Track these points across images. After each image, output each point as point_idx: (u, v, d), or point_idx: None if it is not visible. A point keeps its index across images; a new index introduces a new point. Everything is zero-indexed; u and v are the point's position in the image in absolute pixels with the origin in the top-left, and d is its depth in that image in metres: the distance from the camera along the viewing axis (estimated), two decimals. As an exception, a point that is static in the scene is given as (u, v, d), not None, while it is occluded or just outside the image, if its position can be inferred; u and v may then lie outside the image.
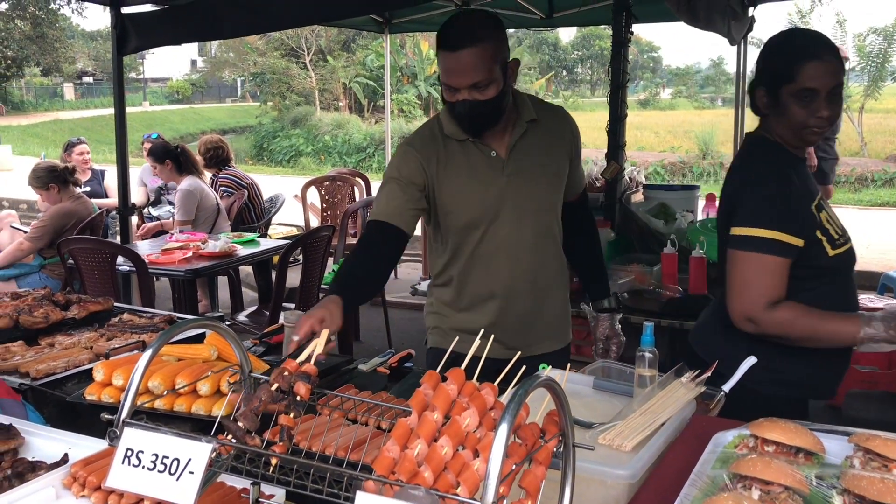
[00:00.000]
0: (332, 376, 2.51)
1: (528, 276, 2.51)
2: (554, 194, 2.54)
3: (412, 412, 1.39)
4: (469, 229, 2.50)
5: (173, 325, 1.49)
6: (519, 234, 2.47)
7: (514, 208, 2.46)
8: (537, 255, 2.52)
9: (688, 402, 1.80)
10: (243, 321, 5.19)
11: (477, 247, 2.51)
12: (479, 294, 2.55)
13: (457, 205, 2.48)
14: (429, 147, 2.47)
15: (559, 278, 2.63)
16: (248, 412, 1.47)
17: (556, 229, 2.59)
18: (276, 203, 7.48)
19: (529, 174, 2.46)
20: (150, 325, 2.86)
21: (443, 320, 2.66)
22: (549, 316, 2.60)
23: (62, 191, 5.69)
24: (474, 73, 2.26)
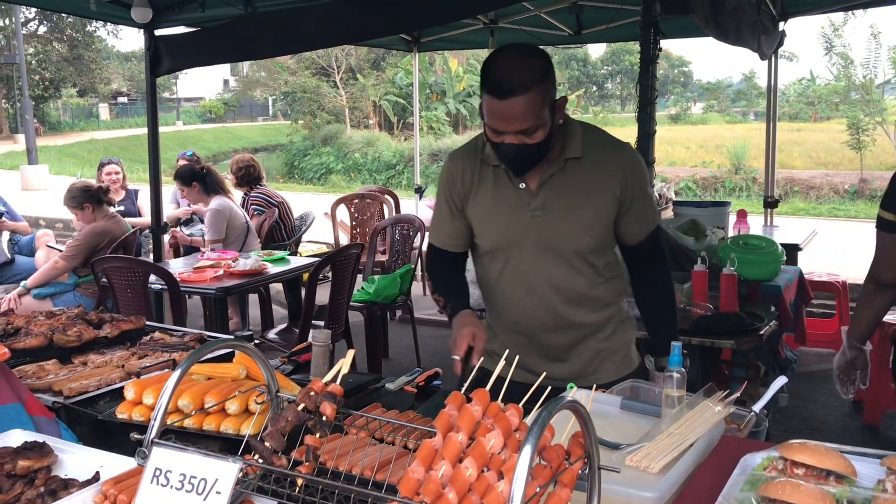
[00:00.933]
0: (359, 395, 2.52)
1: (553, 313, 2.42)
2: (584, 238, 2.36)
3: (437, 433, 1.39)
4: (492, 256, 2.46)
5: (202, 346, 1.51)
6: (540, 272, 2.39)
7: (536, 245, 2.37)
8: (563, 294, 2.40)
9: (716, 423, 1.78)
10: (273, 339, 5.23)
11: (499, 276, 2.47)
12: (503, 322, 2.53)
13: (481, 229, 2.46)
14: (467, 162, 2.45)
15: (601, 317, 2.48)
16: (275, 432, 1.49)
17: (595, 270, 2.41)
18: (306, 221, 7.54)
19: (558, 213, 2.34)
20: (180, 344, 2.89)
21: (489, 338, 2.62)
22: (588, 352, 2.48)
23: (96, 210, 5.78)
24: (523, 120, 2.15)
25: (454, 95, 25.60)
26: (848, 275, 6.90)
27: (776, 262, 4.50)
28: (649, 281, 2.51)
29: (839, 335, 6.11)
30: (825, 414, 5.29)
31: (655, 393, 2.22)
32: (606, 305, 2.48)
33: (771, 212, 7.13)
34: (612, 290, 2.49)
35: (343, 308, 5.24)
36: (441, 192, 2.52)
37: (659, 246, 2.51)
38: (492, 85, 2.14)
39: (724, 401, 1.89)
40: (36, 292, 5.72)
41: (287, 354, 2.80)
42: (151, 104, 6.04)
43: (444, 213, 2.51)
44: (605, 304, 2.48)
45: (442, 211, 2.52)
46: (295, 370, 2.72)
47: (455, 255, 2.55)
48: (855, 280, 7.98)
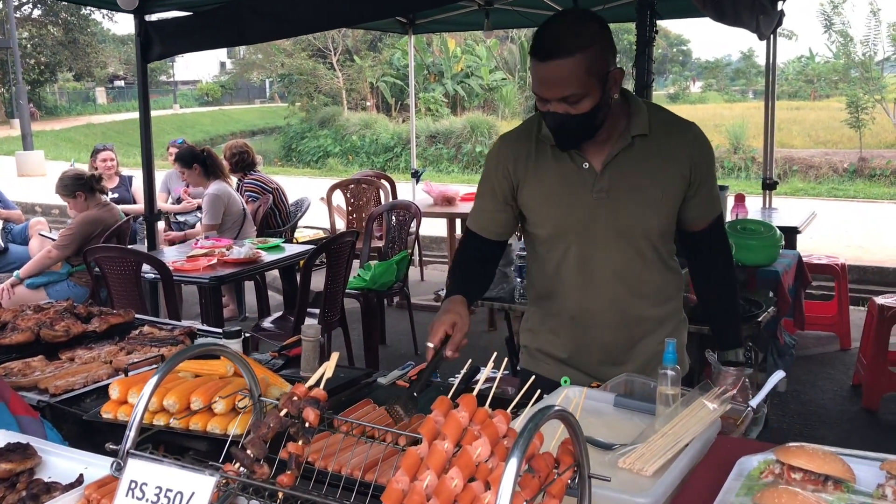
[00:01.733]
0: (350, 390, 2.48)
1: (615, 305, 2.28)
2: (653, 220, 2.23)
3: (422, 440, 1.35)
4: (551, 244, 2.31)
5: (176, 354, 1.46)
6: (606, 259, 2.25)
7: (601, 229, 2.22)
8: (627, 284, 2.27)
9: (712, 422, 1.74)
10: (268, 327, 5.19)
11: (559, 264, 2.31)
12: (559, 316, 2.38)
13: (540, 215, 2.31)
14: (520, 146, 2.30)
15: (662, 312, 2.35)
16: (257, 439, 1.44)
17: (659, 257, 2.29)
18: (302, 207, 7.48)
19: (624, 194, 2.20)
20: (169, 338, 2.85)
21: (531, 339, 2.51)
22: (647, 352, 2.35)
23: (89, 198, 5.72)
24: (566, 86, 2.03)
25: (452, 76, 25.43)
26: (847, 256, 6.87)
27: (774, 247, 4.45)
28: (713, 270, 2.36)
29: (838, 318, 6.11)
30: (824, 398, 5.26)
31: (651, 388, 2.17)
32: (669, 299, 2.36)
33: (770, 194, 7.07)
34: (675, 282, 2.37)
35: (339, 296, 5.20)
36: (487, 176, 2.37)
37: (722, 232, 2.38)
38: (536, 46, 2.05)
39: (719, 398, 1.84)
40: (29, 282, 5.67)
41: (277, 349, 2.76)
42: (143, 90, 5.96)
43: (487, 199, 2.37)
44: (668, 297, 2.36)
45: (485, 196, 2.38)
46: (286, 364, 2.68)
47: (491, 243, 2.40)
48: (854, 262, 7.97)
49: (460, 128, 22.30)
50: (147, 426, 2.11)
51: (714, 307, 2.38)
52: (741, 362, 2.27)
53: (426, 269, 8.59)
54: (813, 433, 4.72)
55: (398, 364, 2.71)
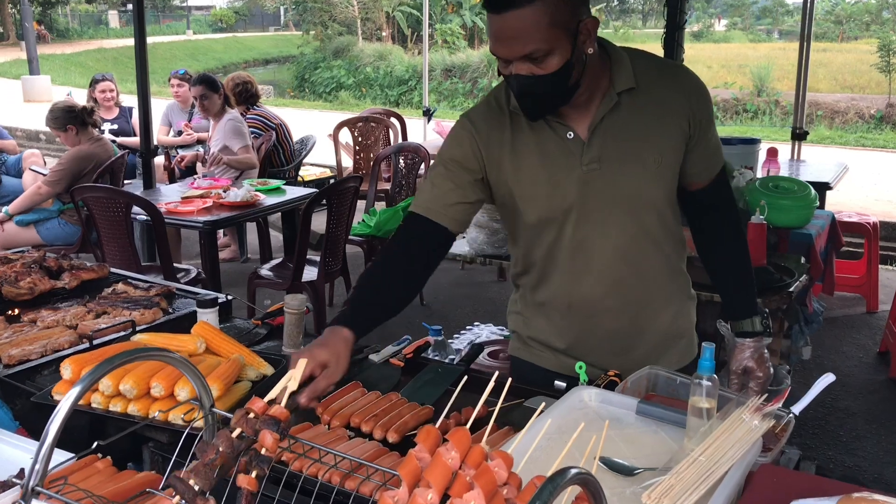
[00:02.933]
0: (338, 369, 2.22)
1: (618, 288, 2.00)
2: (656, 187, 1.93)
3: (402, 485, 1.08)
4: (540, 229, 2.00)
5: (117, 356, 1.19)
6: (603, 238, 1.95)
7: (596, 205, 1.93)
8: (630, 263, 1.98)
9: (753, 443, 1.46)
10: (266, 275, 4.93)
11: (551, 250, 2.01)
12: (555, 305, 2.08)
13: (524, 200, 1.97)
14: (490, 123, 1.95)
15: (669, 290, 2.08)
16: (201, 467, 1.18)
17: (666, 228, 2.00)
18: (307, 145, 7.16)
19: (618, 161, 1.90)
20: (144, 299, 2.58)
21: (522, 325, 2.20)
22: (655, 336, 2.07)
23: (80, 132, 5.42)
24: (527, 41, 1.71)
25: (470, 7, 24.64)
26: (876, 212, 6.52)
27: (808, 208, 4.12)
28: (720, 231, 2.06)
29: (866, 279, 5.81)
30: (849, 366, 4.99)
31: (676, 384, 1.91)
32: (676, 274, 2.09)
33: (799, 144, 6.69)
34: (681, 254, 2.09)
35: (340, 243, 4.93)
36: (441, 159, 1.99)
37: (727, 187, 2.08)
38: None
39: (760, 411, 1.57)
40: (18, 219, 5.43)
41: (261, 317, 2.49)
42: (138, 15, 5.61)
43: (447, 182, 1.96)
44: (675, 272, 2.08)
45: (444, 179, 1.96)
46: (269, 335, 2.42)
47: (440, 230, 1.95)
48: (886, 218, 7.60)
49: (477, 61, 21.64)
50: (103, 413, 1.87)
51: (724, 273, 2.08)
52: (759, 332, 2.00)
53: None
54: (837, 404, 4.47)
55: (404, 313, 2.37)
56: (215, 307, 2.24)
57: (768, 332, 2.02)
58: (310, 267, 4.90)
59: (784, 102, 17.27)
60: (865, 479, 3.83)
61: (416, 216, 1.96)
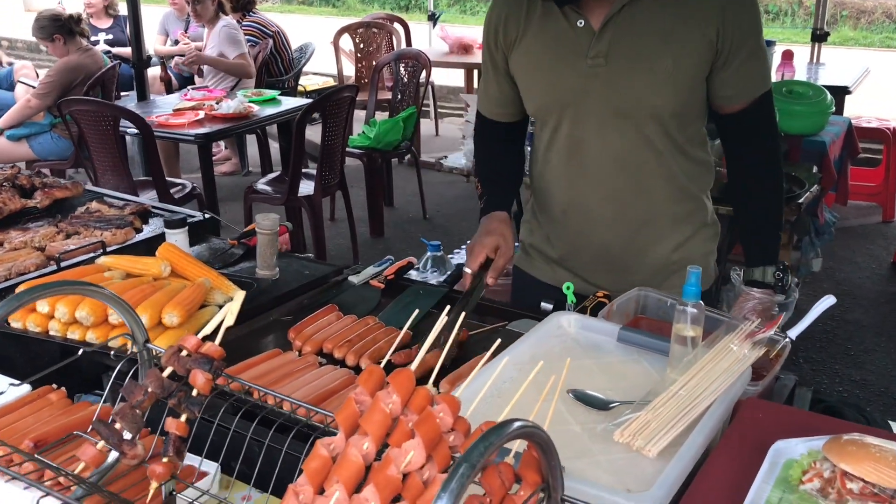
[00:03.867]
0: (315, 291, 2.12)
1: (616, 198, 1.86)
2: (662, 97, 1.75)
3: (338, 432, 0.98)
4: (541, 122, 1.92)
5: (24, 293, 1.08)
6: (601, 143, 1.81)
7: (595, 105, 1.78)
8: (629, 173, 1.83)
9: (740, 375, 1.35)
10: (262, 189, 4.81)
11: (549, 147, 1.91)
12: (551, 210, 1.99)
13: (527, 86, 1.89)
14: (511, 4, 1.86)
15: (677, 213, 1.90)
16: (128, 410, 1.08)
17: (674, 145, 1.82)
18: (306, 53, 6.92)
19: (625, 62, 1.73)
20: (117, 218, 2.47)
21: (527, 232, 2.13)
22: (657, 260, 1.93)
23: (68, 42, 5.23)
24: None
25: None
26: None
27: (823, 115, 3.91)
28: (750, 164, 1.86)
29: (884, 187, 5.61)
30: (861, 277, 4.87)
31: (667, 306, 1.79)
32: (686, 198, 1.91)
33: (819, 46, 6.38)
34: (697, 178, 1.92)
35: (337, 156, 4.77)
36: (486, 46, 1.96)
37: (768, 117, 1.84)
38: None
39: (751, 337, 1.45)
40: (9, 133, 5.31)
41: (237, 236, 2.38)
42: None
43: (489, 74, 1.98)
44: (685, 195, 1.90)
45: (487, 71, 1.99)
46: (245, 255, 2.31)
47: (503, 127, 2.05)
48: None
49: (489, -37, 20.87)
50: (62, 341, 1.78)
51: (746, 210, 1.91)
52: (769, 284, 1.83)
53: (442, 122, 8.07)
54: (846, 316, 4.36)
55: (406, 228, 2.33)
56: (184, 227, 2.13)
57: (780, 287, 1.83)
58: (307, 181, 4.77)
59: (808, 2, 16.60)
60: (871, 394, 3.75)
61: (484, 118, 2.07)
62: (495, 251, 1.86)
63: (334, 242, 5.34)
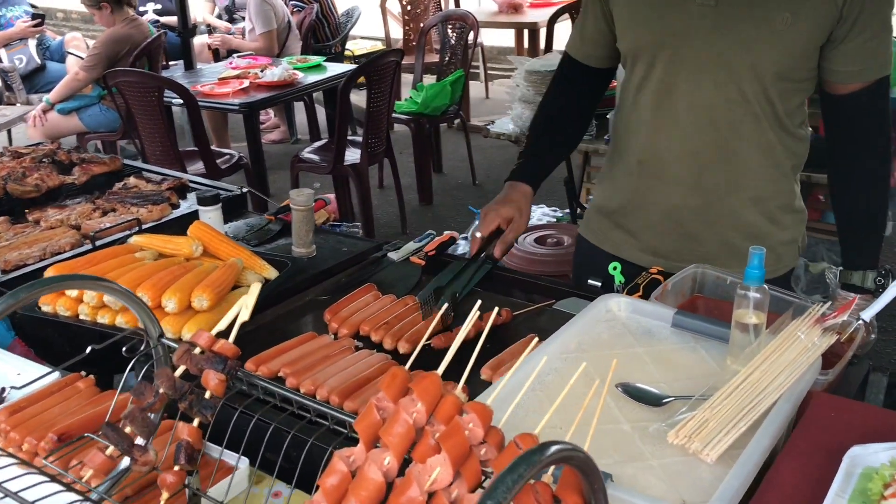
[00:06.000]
0: (354, 268, 2.03)
1: (698, 156, 1.71)
2: (770, 52, 1.59)
3: (358, 444, 0.89)
4: (633, 62, 1.76)
5: (27, 286, 1.01)
6: (694, 91, 1.67)
7: (695, 50, 1.64)
8: (719, 130, 1.68)
9: (809, 366, 1.23)
10: (308, 158, 4.73)
11: (639, 90, 1.76)
12: (625, 160, 1.85)
13: (624, 22, 1.76)
14: None
15: (762, 186, 1.74)
16: (138, 413, 1.01)
17: (770, 109, 1.66)
18: (353, 17, 6.80)
19: (740, 6, 1.59)
20: (154, 194, 2.42)
21: (595, 194, 2.04)
22: (729, 232, 1.77)
23: (115, 11, 5.19)
24: None
25: None
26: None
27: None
28: (855, 153, 1.68)
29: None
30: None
31: (727, 285, 1.65)
32: (777, 175, 1.75)
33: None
34: (792, 157, 1.76)
35: (383, 123, 4.67)
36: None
37: (882, 105, 1.65)
38: None
39: (820, 323, 1.32)
40: (60, 107, 5.32)
41: (273, 212, 2.30)
42: None
43: (588, 8, 1.86)
44: (777, 171, 1.75)
45: (586, 9, 1.87)
46: (282, 231, 2.23)
47: (591, 72, 1.91)
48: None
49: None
50: (91, 326, 1.72)
51: (847, 206, 1.73)
52: (869, 290, 1.67)
53: (492, 84, 7.89)
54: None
55: (455, 195, 2.23)
56: (217, 204, 2.05)
57: (878, 291, 1.67)
58: (353, 148, 4.68)
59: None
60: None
61: (569, 58, 1.93)
62: (508, 223, 1.81)
63: (382, 210, 5.26)
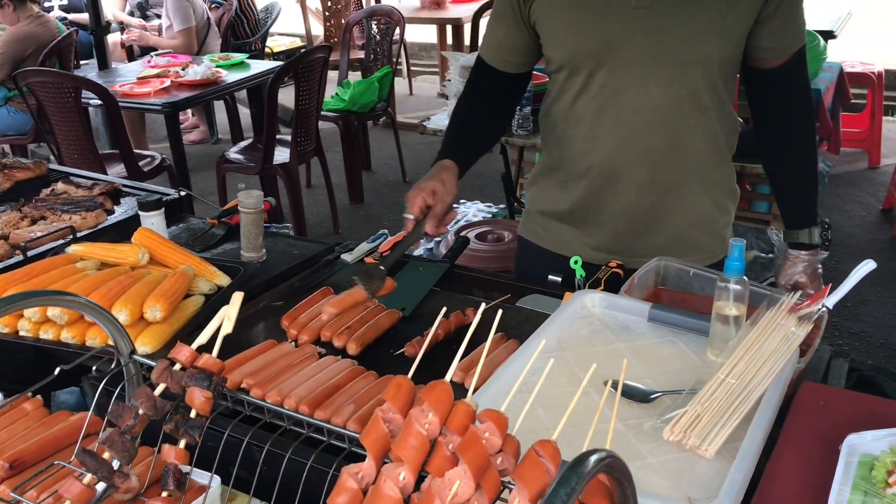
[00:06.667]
0: (306, 272, 1.97)
1: (649, 158, 1.72)
2: (715, 44, 1.62)
3: (366, 457, 0.84)
4: (570, 71, 1.72)
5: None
6: (641, 95, 1.66)
7: (637, 53, 1.63)
8: (669, 130, 1.69)
9: (790, 354, 1.23)
10: (235, 158, 4.61)
11: (577, 99, 1.73)
12: (572, 169, 1.82)
13: (554, 32, 1.72)
14: None
15: (710, 177, 1.79)
16: (117, 437, 0.94)
17: (718, 99, 1.70)
18: (272, 13, 6.66)
19: (675, 4, 1.59)
20: (86, 200, 2.30)
21: (534, 197, 1.98)
22: (681, 226, 1.80)
23: (18, 8, 4.95)
24: None
25: None
26: (885, 62, 6.16)
27: (817, 60, 3.79)
28: (785, 122, 1.73)
29: (869, 133, 5.52)
30: (851, 225, 4.79)
31: (689, 276, 1.67)
32: (721, 161, 1.80)
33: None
34: (731, 135, 1.79)
35: (312, 120, 4.58)
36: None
37: (802, 72, 1.72)
38: None
39: (796, 311, 1.33)
40: (-36, 108, 5.04)
41: (216, 215, 2.21)
42: None
43: (499, 18, 1.81)
44: (721, 157, 1.79)
45: (499, 12, 1.81)
46: (227, 235, 2.15)
47: (505, 77, 1.86)
48: (891, 66, 7.19)
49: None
50: (34, 343, 1.61)
51: (784, 172, 1.78)
52: (813, 245, 1.74)
53: (415, 80, 7.85)
54: (840, 267, 4.28)
55: (386, 193, 2.17)
56: (160, 209, 1.96)
57: (826, 246, 1.77)
58: (282, 148, 4.57)
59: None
60: (871, 346, 3.69)
61: (482, 63, 1.88)
62: (433, 195, 1.73)
63: (312, 210, 5.16)
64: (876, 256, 4.59)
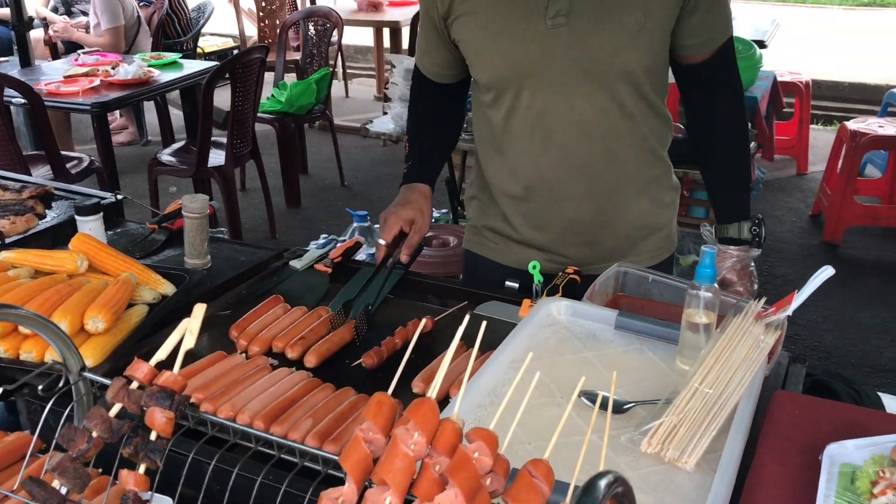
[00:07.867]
0: (254, 279, 1.89)
1: (584, 172, 1.70)
2: (634, 53, 1.60)
3: (346, 479, 0.79)
4: (496, 93, 1.70)
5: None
6: (568, 111, 1.64)
7: (559, 70, 1.61)
8: (599, 142, 1.67)
9: (760, 362, 1.23)
10: (168, 161, 4.46)
11: (507, 120, 1.71)
12: (511, 189, 1.80)
13: (477, 55, 1.69)
14: None
15: (645, 178, 1.77)
16: (68, 463, 0.86)
17: (648, 104, 1.69)
18: (205, 12, 6.49)
19: (590, 17, 1.56)
20: (14, 204, 2.17)
21: (478, 212, 1.94)
22: (626, 228, 1.79)
23: (-64, 3, 4.70)
24: None
25: None
26: (811, 72, 6.35)
27: (753, 69, 3.87)
28: (716, 115, 1.73)
29: (797, 140, 5.68)
30: (782, 230, 4.91)
31: (648, 282, 1.66)
32: (655, 161, 1.78)
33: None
34: (663, 138, 1.78)
35: (248, 123, 4.46)
36: (423, 4, 1.76)
37: (731, 65, 1.71)
38: None
39: (762, 319, 1.32)
40: None
41: (157, 220, 2.12)
42: None
43: (425, 33, 1.80)
44: (655, 158, 1.78)
45: (423, 29, 1.80)
46: (168, 241, 2.05)
47: (442, 87, 1.88)
48: (818, 77, 7.44)
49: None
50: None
51: (714, 165, 1.78)
52: (745, 240, 1.74)
53: (352, 83, 7.77)
54: (774, 272, 4.39)
55: (324, 197, 2.12)
56: (98, 214, 1.86)
57: (758, 243, 1.75)
58: (216, 150, 4.45)
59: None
60: (806, 348, 3.77)
61: (422, 75, 1.89)
62: (411, 225, 1.77)
63: (248, 214, 5.04)
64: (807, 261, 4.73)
